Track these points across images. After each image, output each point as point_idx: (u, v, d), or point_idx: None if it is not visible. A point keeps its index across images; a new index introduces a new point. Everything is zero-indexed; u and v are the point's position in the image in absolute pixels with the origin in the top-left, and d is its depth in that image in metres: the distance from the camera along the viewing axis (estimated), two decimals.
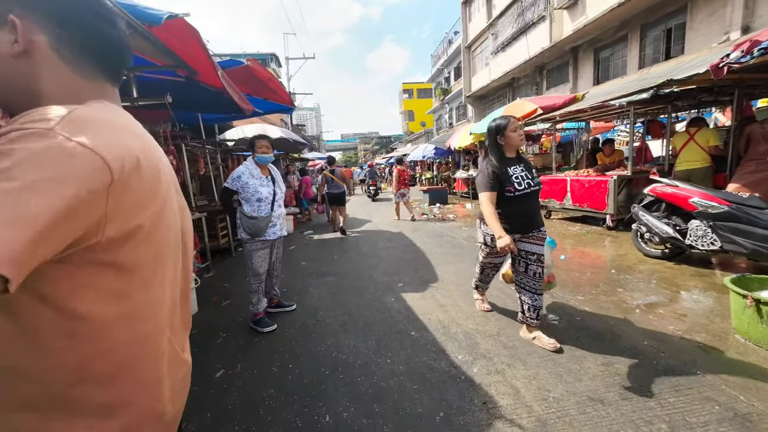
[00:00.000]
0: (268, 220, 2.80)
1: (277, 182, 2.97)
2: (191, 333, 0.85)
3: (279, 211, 2.95)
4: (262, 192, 2.79)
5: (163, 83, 3.86)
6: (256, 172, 2.83)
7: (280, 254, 3.19)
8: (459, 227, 6.95)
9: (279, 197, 2.96)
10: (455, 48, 23.04)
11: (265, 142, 2.83)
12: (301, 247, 6.21)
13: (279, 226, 2.96)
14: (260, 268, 2.91)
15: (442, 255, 4.88)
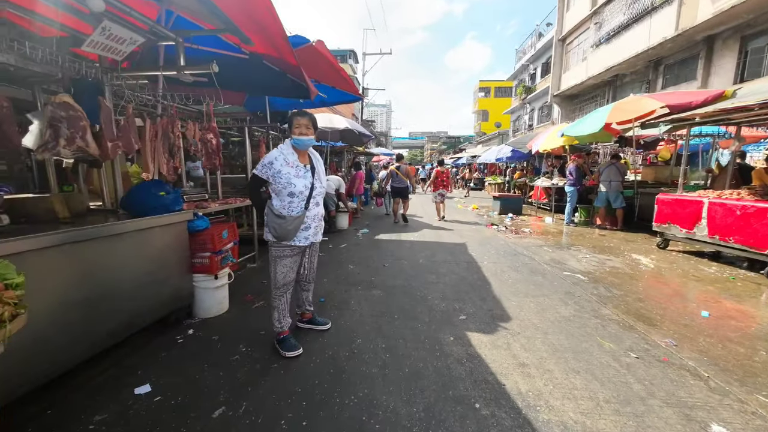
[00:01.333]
0: (299, 222, 2.22)
1: (317, 173, 2.36)
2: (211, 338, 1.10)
3: (315, 211, 2.35)
4: (296, 185, 2.21)
5: (228, 60, 3.60)
6: (292, 159, 2.24)
7: (314, 264, 2.60)
8: (538, 246, 5.75)
9: (318, 192, 2.34)
10: (545, 42, 20.64)
11: (304, 120, 2.24)
12: (351, 246, 5.70)
13: (314, 229, 2.37)
14: (284, 278, 2.34)
15: (518, 282, 3.89)
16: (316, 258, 2.62)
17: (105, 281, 2.02)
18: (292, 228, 2.21)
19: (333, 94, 5.40)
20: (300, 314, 2.74)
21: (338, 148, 11.23)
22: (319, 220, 2.44)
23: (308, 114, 2.29)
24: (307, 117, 2.27)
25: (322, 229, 2.53)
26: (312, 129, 2.29)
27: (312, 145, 2.34)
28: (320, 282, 3.85)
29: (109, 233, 2.05)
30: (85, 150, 2.14)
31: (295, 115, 2.27)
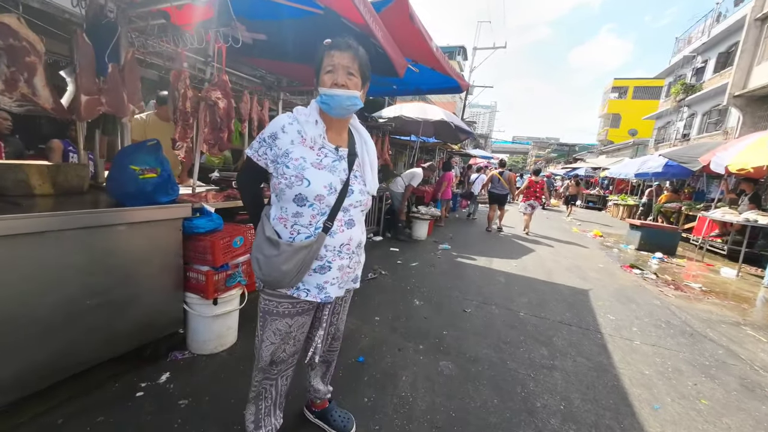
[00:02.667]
0: (307, 255, 1.12)
1: (360, 165, 1.24)
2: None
3: (347, 237, 1.20)
4: (314, 182, 1.11)
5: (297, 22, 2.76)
6: (314, 133, 1.14)
7: (339, 328, 1.47)
8: (732, 323, 3.47)
9: (356, 201, 1.20)
10: (730, 24, 15.23)
11: (344, 56, 1.10)
12: (425, 267, 4.44)
13: (341, 271, 1.22)
14: (275, 353, 1.27)
15: (724, 408, 2.06)
16: (343, 315, 1.46)
17: (30, 297, 1.28)
18: (290, 267, 1.11)
19: (429, 76, 4.19)
20: (308, 402, 1.65)
21: (430, 145, 9.98)
22: (356, 255, 1.29)
23: (352, 46, 1.12)
24: (351, 52, 1.11)
25: (360, 271, 1.36)
26: (358, 76, 1.13)
27: (356, 108, 1.16)
28: (368, 319, 2.73)
29: (45, 228, 1.29)
30: (31, 100, 1.45)
31: (328, 49, 1.11)
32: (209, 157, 5.14)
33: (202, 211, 2.00)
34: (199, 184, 3.19)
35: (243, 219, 2.78)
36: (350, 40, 1.12)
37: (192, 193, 2.48)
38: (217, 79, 1.91)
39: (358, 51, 1.12)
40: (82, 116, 1.61)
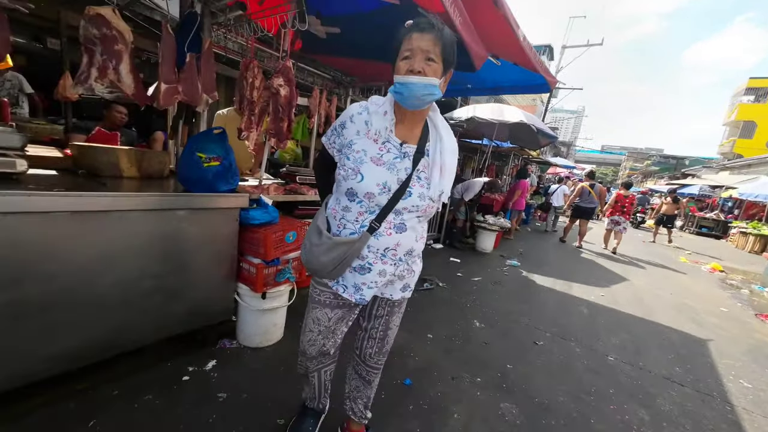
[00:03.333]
0: (347, 252, 1.05)
1: (429, 165, 1.08)
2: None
3: (394, 241, 1.07)
4: (367, 177, 1.03)
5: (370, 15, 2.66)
6: (381, 124, 1.05)
7: (386, 338, 1.29)
8: None
9: (413, 205, 1.05)
10: None
11: (425, 38, 0.94)
12: (488, 284, 3.97)
13: (381, 275, 1.10)
14: (312, 344, 1.25)
15: None
16: (391, 327, 1.29)
17: (87, 272, 1.34)
18: (328, 260, 1.07)
19: (511, 72, 3.74)
20: (345, 422, 1.47)
21: (504, 150, 9.20)
22: (404, 263, 1.14)
23: (435, 26, 0.96)
24: (433, 33, 0.95)
25: (412, 280, 1.21)
26: (439, 60, 0.97)
27: (433, 98, 1.01)
28: (419, 335, 2.46)
29: (107, 207, 1.35)
30: (116, 86, 1.53)
31: (408, 31, 0.97)
32: (281, 153, 5.42)
33: (260, 202, 1.98)
34: (267, 177, 3.30)
35: (302, 214, 2.76)
36: (434, 20, 0.98)
37: (256, 185, 2.52)
38: (281, 65, 1.87)
39: (442, 31, 0.97)
40: (161, 104, 1.69)
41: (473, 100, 11.91)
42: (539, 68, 3.22)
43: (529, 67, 3.21)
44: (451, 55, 1.00)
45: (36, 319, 1.26)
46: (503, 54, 3.08)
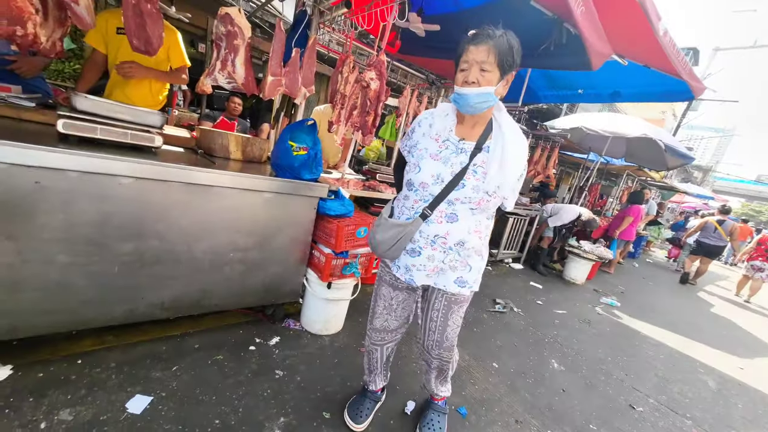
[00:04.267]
0: (401, 234, 1.20)
1: (488, 161, 1.14)
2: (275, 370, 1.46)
3: (444, 230, 1.19)
4: (423, 169, 1.18)
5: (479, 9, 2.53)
6: (442, 126, 1.21)
7: (445, 331, 1.35)
8: None
9: (465, 196, 1.15)
10: None
11: (478, 53, 1.05)
12: (573, 320, 3.40)
13: (430, 260, 1.22)
14: (378, 318, 1.45)
15: None
16: (450, 324, 1.35)
17: (188, 236, 1.55)
18: (382, 239, 1.25)
19: (639, 76, 3.15)
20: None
21: (615, 168, 7.88)
22: (455, 253, 1.22)
23: (491, 36, 1.04)
24: (487, 44, 1.04)
25: (470, 276, 1.27)
26: (494, 68, 1.06)
27: (488, 105, 1.11)
28: (483, 361, 2.20)
29: (209, 182, 1.53)
30: (231, 76, 1.73)
31: (464, 45, 1.09)
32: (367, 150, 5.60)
33: (338, 194, 2.02)
34: (350, 172, 3.42)
35: (376, 211, 2.76)
36: (491, 30, 1.05)
37: (338, 177, 2.61)
38: (375, 58, 1.87)
39: (497, 40, 1.04)
40: (266, 94, 1.86)
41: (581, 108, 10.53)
42: (682, 72, 2.59)
43: (668, 69, 2.62)
44: (508, 59, 1.05)
45: (148, 269, 1.49)
46: (632, 53, 2.57)
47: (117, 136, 1.55)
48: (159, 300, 1.56)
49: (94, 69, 2.13)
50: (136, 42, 1.45)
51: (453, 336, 1.38)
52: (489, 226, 1.27)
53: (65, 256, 1.29)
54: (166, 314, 1.61)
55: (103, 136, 1.51)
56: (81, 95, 1.51)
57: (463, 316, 1.37)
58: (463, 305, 1.33)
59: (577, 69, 2.57)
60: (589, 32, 1.89)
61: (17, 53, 1.90)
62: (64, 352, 1.51)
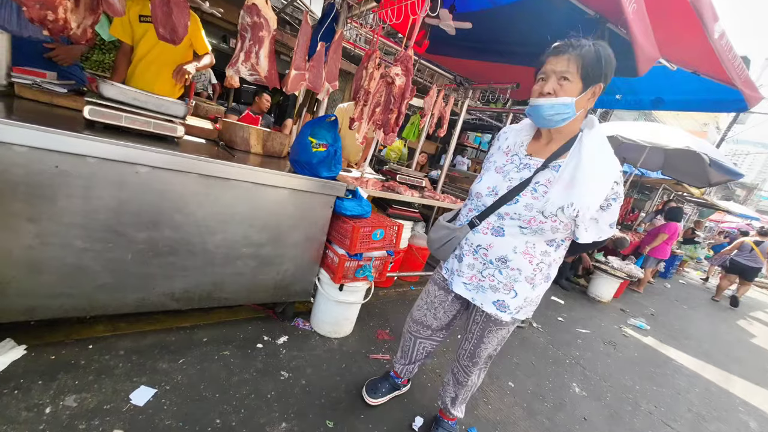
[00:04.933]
0: (450, 237, 1.24)
1: (557, 180, 1.04)
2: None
3: (486, 242, 1.17)
4: (486, 180, 1.21)
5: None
6: (515, 140, 1.22)
7: (480, 345, 1.33)
8: None
9: (514, 213, 1.11)
10: None
11: (559, 63, 1.03)
12: (600, 344, 3.19)
13: (470, 269, 1.23)
14: (419, 311, 1.49)
15: None
16: (485, 344, 1.32)
17: (203, 228, 1.53)
18: (433, 237, 1.31)
19: (685, 83, 2.93)
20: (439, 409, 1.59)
21: (650, 181, 7.43)
22: (495, 269, 1.17)
23: (574, 45, 1.01)
24: (569, 53, 1.01)
25: (512, 301, 1.18)
26: (576, 78, 1.00)
27: (564, 117, 1.04)
28: (498, 379, 2.07)
29: (225, 175, 1.50)
30: (255, 69, 1.69)
31: (546, 56, 1.06)
32: (388, 150, 5.53)
33: (355, 194, 1.96)
34: (370, 172, 3.36)
35: (394, 213, 2.68)
36: (576, 41, 1.01)
37: (357, 176, 2.55)
38: (402, 53, 1.78)
39: (581, 50, 1.00)
40: (288, 88, 1.82)
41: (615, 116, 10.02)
42: (737, 79, 2.36)
43: (721, 77, 2.39)
44: (595, 70, 0.99)
45: (161, 259, 1.48)
46: (679, 58, 2.36)
47: (140, 125, 1.55)
48: (170, 290, 1.55)
49: (125, 60, 2.18)
50: (162, 30, 1.44)
51: (485, 355, 1.34)
52: (548, 254, 1.14)
53: (81, 241, 1.29)
54: (177, 305, 1.60)
55: (127, 124, 1.51)
56: (108, 82, 1.52)
57: (503, 341, 1.33)
58: (502, 328, 1.27)
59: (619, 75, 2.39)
60: (640, 33, 1.73)
61: (54, 41, 1.96)
62: (77, 336, 1.53)
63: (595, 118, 1.10)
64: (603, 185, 1.00)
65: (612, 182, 1.01)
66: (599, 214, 1.06)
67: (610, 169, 1.01)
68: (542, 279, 1.17)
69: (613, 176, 1.01)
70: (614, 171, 1.02)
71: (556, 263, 1.18)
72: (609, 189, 1.01)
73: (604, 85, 1.02)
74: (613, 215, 1.08)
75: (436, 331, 1.47)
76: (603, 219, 1.08)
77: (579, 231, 1.09)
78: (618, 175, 1.02)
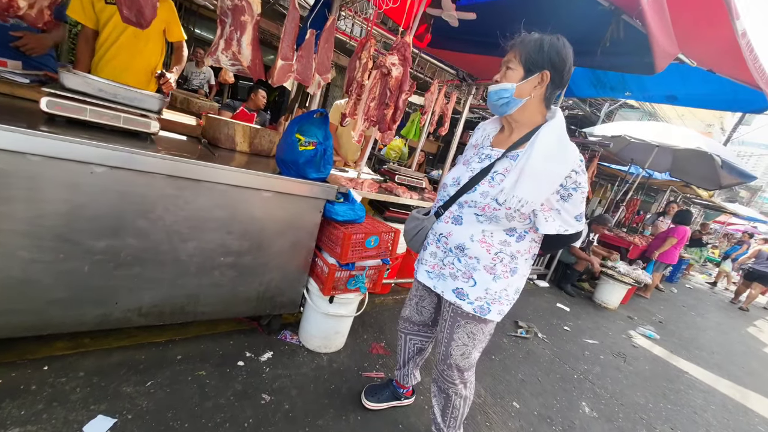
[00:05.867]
0: (420, 228, 1.28)
1: (513, 168, 1.04)
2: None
3: (446, 230, 1.19)
4: (452, 172, 1.24)
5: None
6: (483, 133, 1.27)
7: (450, 344, 1.24)
8: None
9: (474, 200, 1.11)
10: None
11: (507, 55, 1.10)
12: (609, 356, 3.01)
13: (432, 262, 1.25)
14: (405, 304, 1.51)
15: None
16: (455, 340, 1.23)
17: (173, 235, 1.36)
18: (405, 229, 1.35)
19: (700, 81, 2.80)
20: None
21: (657, 182, 7.25)
22: (454, 257, 1.17)
23: (521, 41, 1.08)
24: (516, 44, 1.09)
25: (472, 290, 1.14)
26: (518, 66, 1.06)
27: (505, 102, 1.09)
28: (502, 398, 1.89)
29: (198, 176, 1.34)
30: (236, 58, 1.52)
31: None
32: (388, 149, 5.36)
33: (348, 197, 1.79)
34: (367, 171, 3.19)
35: (392, 217, 2.51)
36: (524, 36, 1.07)
37: (352, 177, 2.38)
38: (399, 41, 1.61)
39: (524, 40, 1.06)
40: (274, 81, 1.65)
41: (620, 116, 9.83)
42: (759, 80, 2.17)
43: (743, 76, 2.22)
44: (537, 58, 1.03)
45: (124, 270, 1.31)
46: (698, 55, 2.18)
47: (108, 119, 1.39)
48: (137, 305, 1.39)
49: (86, 48, 1.97)
50: (126, 12, 1.28)
51: (457, 355, 1.24)
52: (508, 244, 1.11)
53: (27, 251, 1.13)
54: (145, 321, 1.43)
55: (92, 118, 1.35)
56: (70, 71, 1.35)
57: (476, 340, 1.22)
58: (470, 322, 1.19)
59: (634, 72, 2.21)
60: (657, 26, 1.56)
61: (21, 28, 1.79)
62: (32, 356, 1.36)
63: (557, 109, 1.11)
64: (551, 180, 0.99)
65: (566, 173, 0.99)
66: (560, 204, 1.04)
67: (564, 161, 0.99)
68: (505, 271, 1.12)
69: (567, 167, 0.99)
70: (569, 162, 0.99)
71: (522, 256, 1.13)
72: (561, 180, 1.00)
73: (552, 72, 1.03)
74: (578, 206, 1.06)
75: (422, 326, 1.48)
76: (566, 209, 1.05)
77: (539, 221, 1.06)
78: (576, 164, 1.00)
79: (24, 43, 1.83)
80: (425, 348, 1.55)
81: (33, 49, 1.86)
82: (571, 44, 1.10)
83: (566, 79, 1.07)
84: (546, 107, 1.11)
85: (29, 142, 1.03)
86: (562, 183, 1.01)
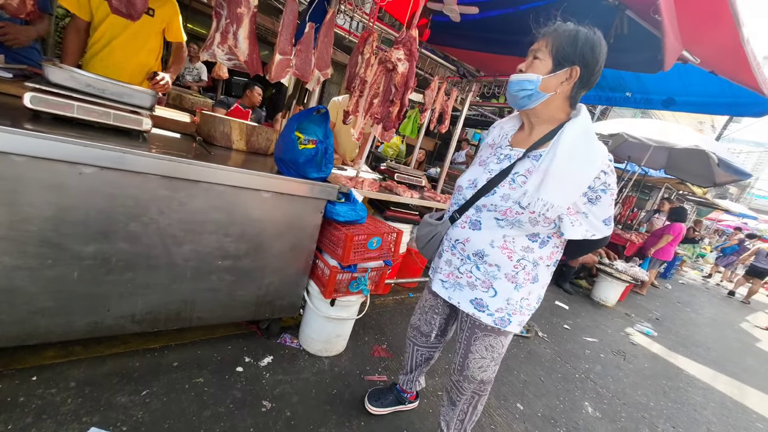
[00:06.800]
0: (434, 234, 1.20)
1: (536, 170, 0.95)
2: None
3: (463, 236, 1.12)
4: (468, 173, 1.15)
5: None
6: (500, 131, 1.17)
7: (468, 358, 1.18)
8: None
9: (495, 204, 1.03)
10: None
11: (536, 43, 1.00)
12: (609, 354, 3.01)
13: (448, 272, 1.17)
14: (415, 316, 1.45)
15: None
16: (473, 352, 1.16)
17: (168, 239, 1.30)
18: (418, 235, 1.27)
19: (698, 82, 2.78)
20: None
21: (651, 180, 7.30)
22: (472, 264, 1.09)
23: (553, 29, 0.98)
24: (548, 33, 0.98)
25: (491, 300, 1.07)
26: (547, 57, 0.96)
27: (527, 95, 0.98)
28: (506, 400, 1.87)
29: (194, 177, 1.27)
30: (232, 51, 1.46)
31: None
32: (385, 147, 5.30)
33: (349, 197, 1.73)
34: (366, 170, 3.13)
35: (393, 216, 2.47)
36: (562, 24, 0.98)
37: (352, 176, 2.32)
38: (404, 35, 1.55)
39: (558, 30, 0.96)
40: (272, 76, 1.58)
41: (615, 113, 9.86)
42: (762, 84, 2.15)
43: (744, 78, 2.19)
44: (568, 51, 0.94)
45: (116, 275, 1.25)
46: (703, 57, 2.15)
47: (97, 116, 1.31)
48: (130, 312, 1.32)
49: (76, 40, 1.85)
50: (116, 2, 1.21)
51: (475, 368, 1.18)
52: (531, 250, 1.04)
53: (10, 257, 1.06)
54: (139, 328, 1.37)
55: (80, 115, 1.28)
56: (56, 65, 1.27)
57: (495, 353, 1.16)
58: (489, 335, 1.12)
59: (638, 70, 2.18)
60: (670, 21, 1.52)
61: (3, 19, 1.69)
62: (20, 365, 1.30)
63: (583, 106, 1.02)
64: (578, 182, 0.91)
65: (594, 174, 0.91)
66: (588, 207, 0.96)
67: (592, 162, 0.91)
68: (527, 279, 1.05)
69: (596, 167, 0.91)
70: (597, 162, 0.91)
71: (544, 263, 1.06)
72: (589, 182, 0.92)
73: (582, 69, 0.93)
74: (606, 209, 0.98)
75: (431, 337, 1.41)
76: (593, 213, 0.97)
77: (564, 225, 0.99)
78: (604, 164, 0.92)
79: (5, 34, 1.73)
80: (433, 357, 1.50)
81: (15, 40, 1.77)
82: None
83: (594, 80, 0.97)
84: (571, 107, 1.01)
85: (12, 141, 0.96)
86: (590, 185, 0.92)
